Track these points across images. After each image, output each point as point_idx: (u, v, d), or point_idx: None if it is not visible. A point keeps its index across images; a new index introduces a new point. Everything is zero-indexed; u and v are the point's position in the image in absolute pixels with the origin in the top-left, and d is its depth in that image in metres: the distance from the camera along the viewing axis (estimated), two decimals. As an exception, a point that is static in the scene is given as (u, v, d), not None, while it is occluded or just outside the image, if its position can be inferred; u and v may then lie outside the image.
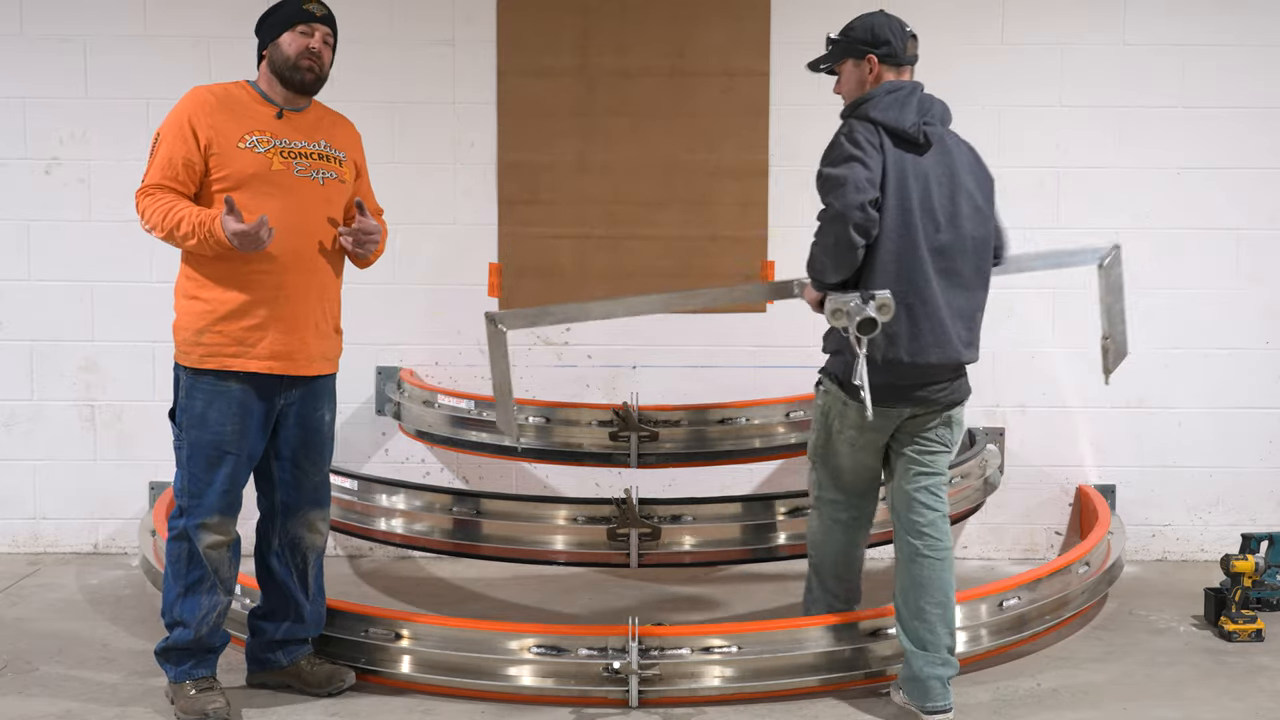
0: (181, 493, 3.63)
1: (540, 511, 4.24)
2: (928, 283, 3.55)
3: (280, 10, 3.69)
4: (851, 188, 3.45)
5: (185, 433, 3.62)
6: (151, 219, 3.53)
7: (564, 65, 5.15)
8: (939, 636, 3.61)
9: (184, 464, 3.62)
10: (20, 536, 5.30)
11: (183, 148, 3.56)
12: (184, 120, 3.58)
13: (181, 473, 3.63)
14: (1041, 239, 5.21)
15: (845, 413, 3.70)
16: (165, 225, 3.51)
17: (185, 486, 3.62)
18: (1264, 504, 5.31)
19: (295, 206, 3.63)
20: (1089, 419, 5.28)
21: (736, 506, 4.29)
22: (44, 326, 5.23)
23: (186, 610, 3.62)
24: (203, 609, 3.62)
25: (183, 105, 3.63)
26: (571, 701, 3.73)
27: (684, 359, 5.25)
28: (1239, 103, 5.19)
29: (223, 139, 3.58)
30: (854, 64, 3.69)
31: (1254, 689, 3.93)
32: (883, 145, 3.53)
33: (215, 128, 3.58)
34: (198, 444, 3.60)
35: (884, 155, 3.52)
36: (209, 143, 3.57)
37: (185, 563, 3.61)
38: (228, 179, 3.56)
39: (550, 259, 5.21)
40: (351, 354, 5.21)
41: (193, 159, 3.56)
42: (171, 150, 3.56)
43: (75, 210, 5.19)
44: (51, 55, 5.14)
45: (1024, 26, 5.17)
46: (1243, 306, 5.26)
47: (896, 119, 3.56)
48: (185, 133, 3.56)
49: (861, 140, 3.52)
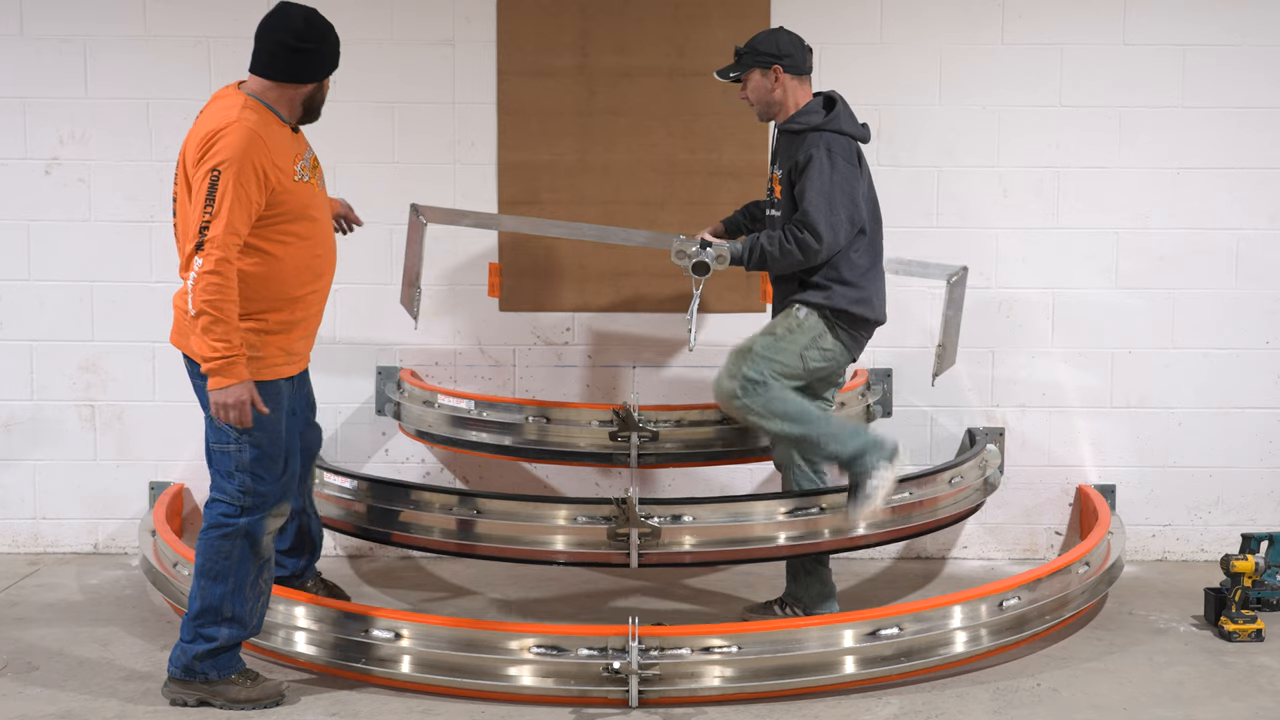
0: (243, 493, 3.68)
1: (540, 511, 4.23)
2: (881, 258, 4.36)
3: (328, 55, 3.72)
4: (843, 234, 4.13)
5: (247, 436, 3.65)
6: (213, 294, 3.46)
7: (564, 65, 5.15)
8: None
9: (246, 466, 3.67)
10: (20, 536, 5.30)
11: (257, 196, 3.55)
12: (252, 166, 3.53)
13: (242, 475, 3.68)
14: (1042, 239, 5.22)
15: (822, 343, 4.22)
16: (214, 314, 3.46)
17: (249, 486, 3.69)
18: (1264, 504, 5.31)
19: (325, 222, 3.85)
20: (1089, 419, 5.28)
21: (736, 506, 4.29)
22: (44, 326, 5.23)
23: (238, 605, 3.71)
24: (251, 599, 3.74)
25: (240, 139, 3.53)
26: (571, 701, 3.74)
27: (684, 359, 5.25)
28: (1239, 103, 5.19)
29: (284, 176, 3.63)
30: (760, 73, 4.28)
31: (1254, 689, 3.93)
32: (860, 155, 4.22)
33: (277, 167, 3.61)
34: (263, 444, 3.69)
35: (861, 161, 4.22)
36: (276, 186, 3.61)
37: (239, 558, 3.69)
38: (286, 214, 3.65)
39: (550, 259, 5.21)
40: (351, 354, 5.24)
41: (260, 206, 3.57)
42: (245, 194, 3.52)
43: (75, 210, 5.19)
44: (51, 55, 5.14)
45: (1024, 26, 5.17)
46: (1243, 306, 5.26)
47: (859, 132, 4.24)
48: (261, 178, 3.55)
49: (850, 168, 4.15)
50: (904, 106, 5.17)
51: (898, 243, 4.74)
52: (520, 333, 5.26)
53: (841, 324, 4.22)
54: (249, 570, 3.71)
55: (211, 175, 3.49)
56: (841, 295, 4.19)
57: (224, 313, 3.47)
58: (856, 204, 4.15)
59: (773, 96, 4.27)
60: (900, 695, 3.85)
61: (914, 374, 5.17)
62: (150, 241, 5.17)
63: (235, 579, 3.69)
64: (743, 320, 5.20)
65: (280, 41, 3.65)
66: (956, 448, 5.24)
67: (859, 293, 4.22)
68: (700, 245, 4.20)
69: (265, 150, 3.57)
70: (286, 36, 3.64)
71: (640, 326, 5.25)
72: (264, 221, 3.60)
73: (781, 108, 4.29)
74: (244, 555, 3.69)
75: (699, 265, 4.18)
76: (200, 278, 3.45)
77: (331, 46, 3.73)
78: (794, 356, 4.19)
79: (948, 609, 3.98)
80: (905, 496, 4.41)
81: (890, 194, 4.93)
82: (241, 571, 3.69)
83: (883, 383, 5.19)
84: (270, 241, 3.63)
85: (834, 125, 4.16)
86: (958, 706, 3.78)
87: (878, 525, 4.36)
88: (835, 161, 4.11)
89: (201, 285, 3.45)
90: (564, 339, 5.27)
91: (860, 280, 4.23)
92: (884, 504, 4.15)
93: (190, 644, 3.71)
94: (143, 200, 5.17)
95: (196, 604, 3.70)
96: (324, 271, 3.84)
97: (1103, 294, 5.24)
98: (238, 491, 3.68)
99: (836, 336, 4.22)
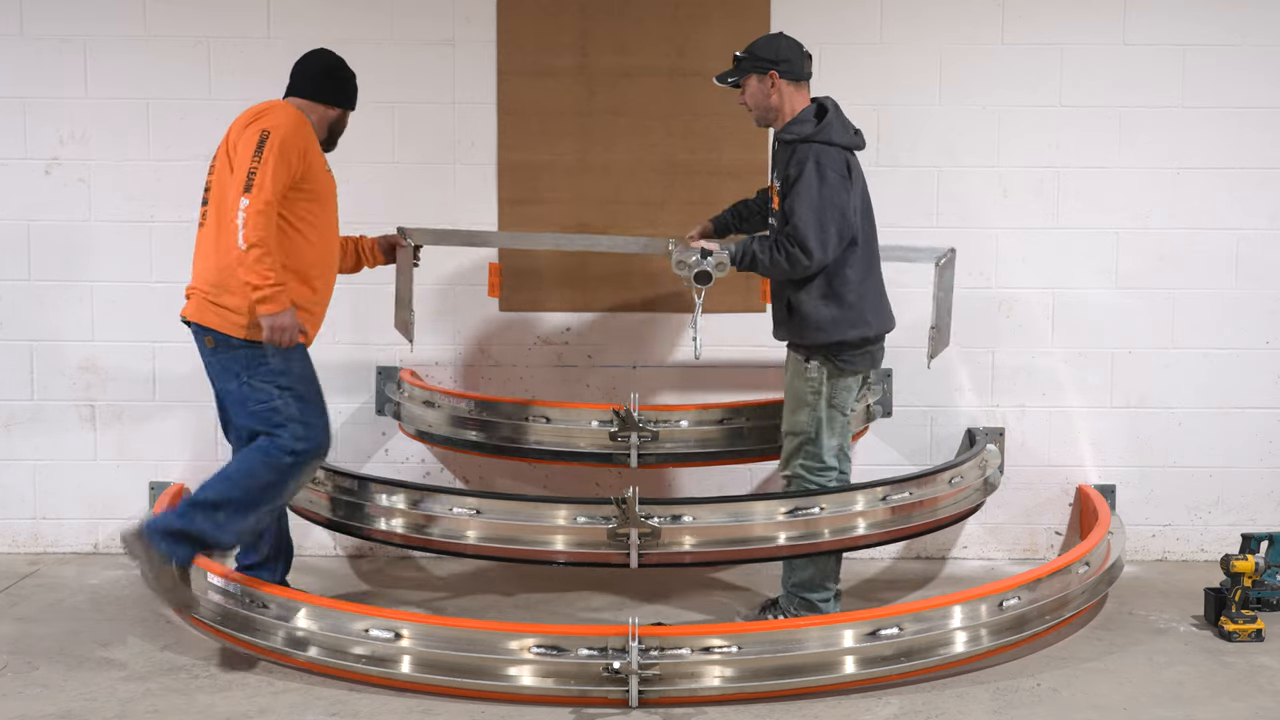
0: (296, 439, 4.04)
1: (540, 511, 4.23)
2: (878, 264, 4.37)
3: (354, 90, 4.35)
4: (832, 249, 4.14)
5: (289, 391, 4.06)
6: (262, 232, 3.91)
7: (564, 65, 5.16)
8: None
9: (296, 417, 4.05)
10: (20, 536, 5.30)
11: (297, 161, 4.03)
12: (297, 134, 4.05)
13: (293, 425, 4.04)
14: (1042, 239, 5.22)
15: (841, 383, 4.29)
16: (264, 248, 3.90)
17: (300, 434, 4.05)
18: (1264, 504, 5.31)
19: (336, 224, 4.32)
20: (1089, 419, 5.28)
21: (736, 506, 4.29)
22: (44, 326, 5.23)
23: (235, 520, 3.98)
24: (249, 527, 4.05)
25: (289, 118, 4.09)
26: (571, 701, 3.74)
27: (684, 359, 5.25)
28: (1239, 103, 5.19)
29: (318, 160, 4.17)
30: (757, 79, 4.28)
31: (1254, 689, 3.93)
32: (849, 165, 4.20)
33: (314, 151, 4.15)
34: (306, 394, 4.10)
35: (851, 172, 4.20)
36: (311, 164, 4.11)
37: (264, 485, 4.02)
38: (313, 194, 4.13)
39: (550, 259, 5.21)
40: (351, 354, 5.24)
41: (298, 172, 4.05)
42: (287, 157, 3.99)
43: (75, 210, 5.19)
44: (51, 55, 5.14)
45: (1024, 26, 5.17)
46: (1243, 306, 5.26)
47: (851, 141, 4.25)
48: (302, 145, 4.06)
49: (840, 179, 4.14)
50: (904, 106, 5.17)
51: (898, 243, 4.73)
52: (520, 333, 5.26)
53: (846, 355, 4.25)
54: (264, 501, 4.03)
55: (262, 134, 3.99)
56: (836, 325, 4.20)
57: (270, 248, 3.91)
58: (846, 217, 4.15)
59: (769, 102, 4.27)
60: (900, 695, 3.85)
61: (914, 374, 5.17)
62: (150, 241, 5.17)
63: (249, 498, 4.00)
64: (742, 320, 5.20)
65: (323, 67, 4.27)
66: (956, 448, 5.24)
67: (853, 314, 4.21)
68: (700, 255, 4.21)
69: (308, 135, 4.12)
70: (328, 65, 4.28)
71: (640, 327, 5.25)
72: (296, 193, 4.05)
73: (778, 114, 4.28)
74: (269, 485, 4.02)
75: (701, 275, 4.20)
76: (250, 216, 3.89)
77: (356, 85, 4.35)
78: (832, 413, 4.29)
79: (948, 609, 3.97)
80: (905, 496, 4.41)
81: (890, 194, 4.96)
82: (256, 495, 4.01)
83: (882, 383, 5.19)
84: (295, 216, 4.08)
85: (824, 136, 4.16)
86: (958, 706, 3.78)
87: (878, 525, 4.36)
88: (825, 174, 4.11)
89: (252, 222, 3.89)
90: (564, 339, 5.27)
91: (854, 297, 4.22)
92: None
93: (174, 518, 3.99)
94: (142, 200, 5.17)
95: (207, 494, 4.00)
96: (332, 266, 4.27)
97: (1103, 294, 5.24)
98: (291, 439, 4.03)
99: (848, 366, 4.27)
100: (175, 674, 3.98)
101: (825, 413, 4.27)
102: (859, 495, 4.36)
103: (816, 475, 4.29)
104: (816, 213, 4.10)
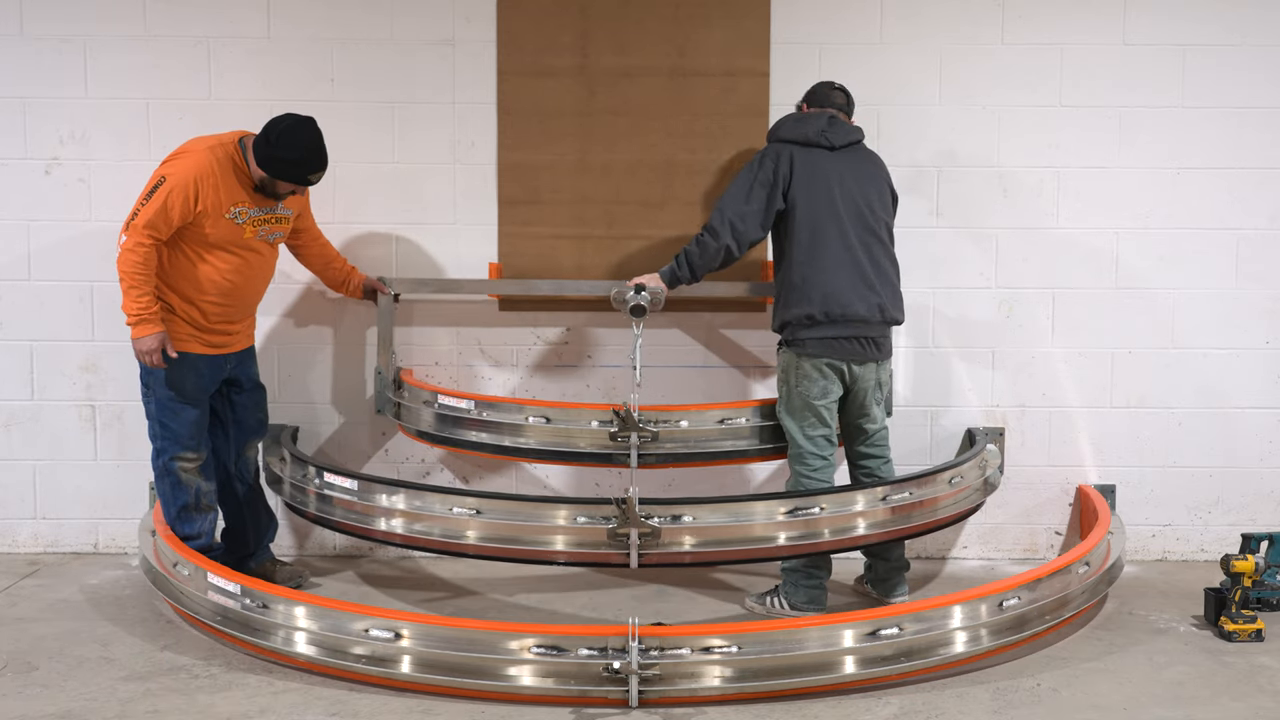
0: (153, 436, 4.65)
1: (540, 511, 4.23)
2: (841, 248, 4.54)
3: (280, 164, 4.41)
4: (738, 226, 4.47)
5: (153, 390, 4.57)
6: (130, 267, 4.31)
7: (564, 65, 5.15)
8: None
9: (154, 414, 4.58)
10: (20, 536, 5.30)
11: (180, 210, 4.34)
12: (191, 185, 4.35)
13: (152, 421, 4.59)
14: (1042, 239, 5.22)
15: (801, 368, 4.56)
16: (130, 282, 4.31)
17: (156, 431, 4.62)
18: (1264, 504, 5.31)
19: (249, 264, 4.55)
20: (1089, 419, 5.28)
21: (736, 506, 4.29)
22: (44, 326, 5.23)
23: (186, 526, 4.61)
24: (198, 519, 4.65)
25: (193, 167, 4.37)
26: (571, 701, 3.74)
27: (684, 359, 5.25)
28: (1239, 103, 5.19)
29: (215, 209, 4.41)
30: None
31: (1254, 689, 3.93)
32: (792, 156, 4.49)
33: (213, 199, 4.39)
34: (162, 397, 4.57)
35: (791, 161, 4.49)
36: (203, 210, 4.38)
37: (170, 489, 4.59)
38: (207, 238, 4.42)
39: (550, 259, 5.20)
40: (351, 354, 5.24)
41: (184, 219, 4.37)
42: (170, 206, 4.32)
43: (75, 210, 5.19)
44: (51, 55, 5.14)
45: (1024, 26, 5.17)
46: (1243, 306, 5.26)
47: (802, 135, 4.53)
48: (189, 196, 4.35)
49: (767, 166, 4.49)
50: (904, 106, 5.17)
51: (898, 243, 4.73)
52: (520, 333, 5.26)
53: (801, 336, 4.48)
54: (184, 497, 4.57)
55: (159, 178, 4.36)
56: (785, 306, 4.51)
57: (138, 281, 4.30)
58: (749, 199, 4.46)
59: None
60: (900, 695, 3.85)
61: (914, 374, 5.17)
62: (150, 241, 5.16)
63: (175, 507, 4.57)
64: (743, 319, 5.20)
65: (269, 132, 4.41)
66: (956, 448, 5.24)
67: (796, 293, 4.48)
68: (635, 290, 4.52)
69: (210, 183, 4.37)
70: (269, 129, 4.42)
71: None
72: (184, 235, 4.40)
73: None
74: (174, 486, 4.56)
75: (635, 308, 4.50)
76: (123, 252, 4.32)
77: (287, 164, 4.40)
78: (799, 402, 4.53)
79: (948, 609, 3.97)
80: (905, 496, 4.42)
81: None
82: (178, 499, 4.57)
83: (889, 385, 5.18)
84: (187, 250, 4.44)
85: (773, 135, 4.62)
86: (958, 706, 3.78)
87: (878, 525, 4.36)
88: (752, 166, 4.51)
89: (123, 258, 4.32)
90: (564, 339, 5.26)
91: (798, 278, 4.48)
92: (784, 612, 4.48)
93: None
94: (143, 200, 5.17)
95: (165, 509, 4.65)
96: (232, 295, 4.54)
97: (1103, 294, 5.24)
98: (150, 434, 4.59)
99: (803, 351, 4.49)
100: (175, 674, 3.98)
101: (792, 400, 4.54)
102: (859, 495, 4.37)
103: (798, 465, 4.54)
104: (727, 198, 4.50)
